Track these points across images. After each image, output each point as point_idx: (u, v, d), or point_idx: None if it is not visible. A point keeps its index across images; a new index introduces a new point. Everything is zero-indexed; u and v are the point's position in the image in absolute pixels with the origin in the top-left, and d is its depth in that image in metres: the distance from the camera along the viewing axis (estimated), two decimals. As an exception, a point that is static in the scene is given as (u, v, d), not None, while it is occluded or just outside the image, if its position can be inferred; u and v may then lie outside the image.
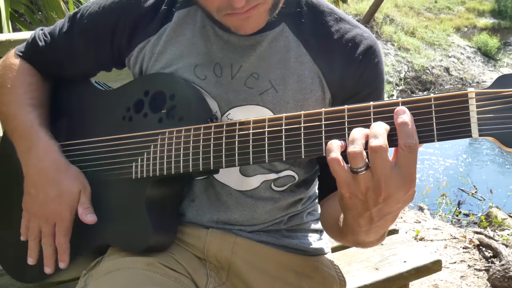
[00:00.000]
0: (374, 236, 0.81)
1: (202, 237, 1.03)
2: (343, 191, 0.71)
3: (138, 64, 1.04)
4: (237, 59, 0.97)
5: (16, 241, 1.09)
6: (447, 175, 6.29)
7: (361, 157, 0.67)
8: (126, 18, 1.02)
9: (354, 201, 0.71)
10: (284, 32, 0.98)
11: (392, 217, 0.74)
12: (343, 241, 0.93)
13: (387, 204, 0.70)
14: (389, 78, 10.29)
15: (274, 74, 0.96)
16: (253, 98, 0.96)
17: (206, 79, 0.97)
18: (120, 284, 0.88)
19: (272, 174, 1.01)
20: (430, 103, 0.69)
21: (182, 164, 0.89)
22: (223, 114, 0.98)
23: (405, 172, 0.68)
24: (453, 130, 0.68)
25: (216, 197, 1.02)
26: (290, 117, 0.79)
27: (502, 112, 0.66)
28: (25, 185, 1.02)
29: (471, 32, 14.92)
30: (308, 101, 0.97)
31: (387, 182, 0.67)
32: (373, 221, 0.73)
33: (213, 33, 0.99)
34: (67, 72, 1.11)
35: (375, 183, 0.68)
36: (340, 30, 0.98)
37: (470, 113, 0.67)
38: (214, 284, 1.00)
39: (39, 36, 1.10)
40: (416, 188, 0.72)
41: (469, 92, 0.68)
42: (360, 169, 0.68)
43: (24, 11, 3.04)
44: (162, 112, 0.94)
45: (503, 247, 2.88)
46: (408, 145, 0.67)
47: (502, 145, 0.66)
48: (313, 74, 0.97)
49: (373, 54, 0.98)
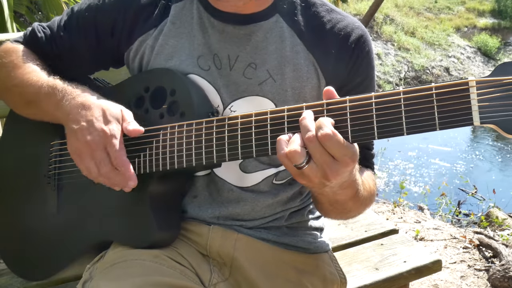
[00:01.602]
0: (344, 196, 0.88)
1: (204, 234, 1.04)
2: (299, 181, 0.80)
3: (138, 57, 1.04)
4: (233, 49, 0.99)
5: (19, 240, 1.10)
6: (447, 175, 6.30)
7: (298, 155, 0.74)
8: (125, 11, 1.03)
9: (310, 185, 0.81)
10: (278, 22, 1.01)
11: (347, 177, 0.82)
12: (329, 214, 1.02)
13: (338, 179, 0.78)
14: (389, 78, 10.29)
15: (271, 64, 0.99)
16: (253, 89, 0.98)
17: (209, 70, 0.99)
18: (128, 274, 0.89)
19: (272, 168, 1.03)
20: (432, 92, 0.71)
21: (185, 158, 0.90)
22: (226, 106, 0.99)
23: (339, 155, 0.74)
24: (455, 118, 0.69)
25: (217, 193, 1.04)
26: (291, 109, 0.81)
27: (502, 99, 0.67)
28: (67, 131, 0.96)
29: (471, 32, 14.91)
30: (305, 88, 1.00)
31: (330, 167, 0.75)
32: (333, 189, 0.84)
33: (209, 24, 1.00)
34: (64, 65, 1.10)
35: (321, 171, 0.76)
36: (332, 20, 1.02)
37: (471, 101, 0.68)
38: (218, 279, 1.01)
39: (37, 28, 1.10)
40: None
41: (469, 80, 0.69)
42: (302, 164, 0.75)
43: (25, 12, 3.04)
44: (163, 107, 0.95)
45: (503, 247, 2.87)
46: (309, 139, 0.74)
47: (504, 132, 0.67)
48: (308, 62, 1.00)
49: (364, 42, 1.03)
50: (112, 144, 0.90)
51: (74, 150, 0.94)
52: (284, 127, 0.81)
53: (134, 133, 0.92)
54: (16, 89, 1.04)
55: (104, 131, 0.89)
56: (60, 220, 1.07)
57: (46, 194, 1.09)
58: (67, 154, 1.06)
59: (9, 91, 1.07)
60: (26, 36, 1.11)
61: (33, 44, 1.10)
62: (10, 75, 1.05)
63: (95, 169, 0.91)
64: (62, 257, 1.06)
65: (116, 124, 0.91)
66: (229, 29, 0.99)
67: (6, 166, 1.19)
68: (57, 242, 1.08)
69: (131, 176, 0.91)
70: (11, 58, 1.06)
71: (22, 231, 1.13)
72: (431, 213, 4.07)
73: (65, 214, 1.07)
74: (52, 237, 1.09)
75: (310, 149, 0.75)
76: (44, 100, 1.00)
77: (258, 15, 1.00)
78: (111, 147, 0.90)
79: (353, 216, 1.03)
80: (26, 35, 1.11)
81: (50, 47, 1.09)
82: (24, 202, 1.13)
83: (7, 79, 1.05)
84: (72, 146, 0.94)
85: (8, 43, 1.11)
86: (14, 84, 1.04)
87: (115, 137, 0.90)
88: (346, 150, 0.74)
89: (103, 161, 0.91)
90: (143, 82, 0.99)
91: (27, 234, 1.13)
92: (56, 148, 1.08)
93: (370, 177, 1.03)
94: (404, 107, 0.73)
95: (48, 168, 1.09)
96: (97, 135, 0.90)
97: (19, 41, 1.11)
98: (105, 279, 0.90)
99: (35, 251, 1.12)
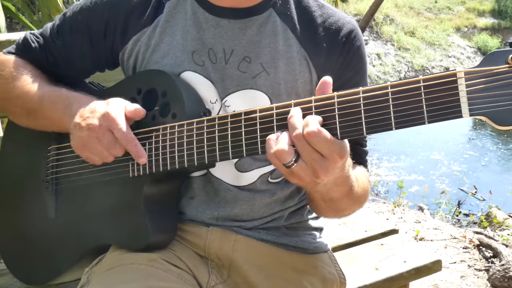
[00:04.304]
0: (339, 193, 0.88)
1: (203, 235, 1.03)
2: (291, 180, 0.80)
3: (133, 57, 1.04)
4: (228, 43, 0.99)
5: (19, 245, 1.10)
6: (447, 175, 6.29)
7: (286, 154, 0.74)
8: (118, 12, 1.02)
9: (302, 183, 0.80)
10: (271, 17, 1.01)
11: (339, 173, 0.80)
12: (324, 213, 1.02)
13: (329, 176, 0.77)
14: (389, 78, 10.29)
15: (264, 58, 0.99)
16: (247, 82, 0.99)
17: (204, 65, 0.99)
18: (123, 279, 0.88)
19: (269, 166, 1.03)
20: (419, 85, 0.69)
21: (177, 160, 0.90)
22: (221, 100, 0.99)
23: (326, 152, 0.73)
24: (443, 111, 0.67)
25: (214, 193, 1.03)
26: (280, 106, 0.80)
27: (492, 90, 0.65)
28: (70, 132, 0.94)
29: (471, 32, 14.91)
30: (298, 82, 1.00)
31: (320, 164, 0.74)
32: (326, 186, 0.83)
33: (204, 19, 1.00)
34: (61, 71, 1.09)
35: (310, 169, 0.75)
36: (323, 14, 1.03)
37: (459, 93, 0.66)
38: (216, 281, 1.01)
39: (30, 37, 1.08)
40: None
41: (457, 72, 0.67)
42: (290, 162, 0.75)
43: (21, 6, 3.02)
44: (155, 109, 0.95)
45: (503, 247, 2.87)
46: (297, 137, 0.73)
47: (494, 124, 0.65)
48: (300, 56, 1.01)
49: (355, 37, 1.03)
50: (116, 124, 0.88)
51: (79, 142, 0.92)
52: (273, 125, 0.80)
53: (136, 113, 0.92)
54: (18, 100, 1.03)
55: (107, 113, 0.88)
56: (59, 225, 1.07)
57: (44, 199, 1.09)
58: (64, 158, 1.05)
59: (10, 102, 1.06)
60: (19, 46, 1.10)
61: (27, 54, 1.08)
62: (9, 86, 1.04)
63: (106, 153, 0.90)
64: (62, 261, 1.06)
65: (119, 107, 0.91)
66: (224, 23, 1.00)
67: (5, 172, 1.19)
68: (56, 246, 1.08)
69: (140, 152, 0.90)
70: (9, 70, 1.05)
71: (22, 236, 1.13)
72: (431, 213, 4.07)
73: (64, 219, 1.07)
74: (51, 241, 1.09)
75: (298, 147, 0.74)
76: (48, 108, 1.00)
77: (253, 9, 1.00)
78: (116, 128, 0.88)
79: (348, 214, 1.03)
80: (19, 44, 1.10)
81: (44, 55, 1.08)
82: (23, 207, 1.13)
83: (6, 90, 1.05)
84: (76, 141, 0.92)
85: (1, 54, 1.10)
86: (15, 96, 1.03)
87: (119, 117, 0.89)
88: (333, 146, 0.73)
89: (111, 143, 0.89)
90: (135, 84, 0.99)
91: (26, 239, 1.13)
92: (53, 153, 1.08)
93: (363, 174, 1.03)
94: (392, 101, 0.71)
95: (46, 173, 1.09)
96: (100, 118, 0.89)
97: (12, 52, 1.10)
98: (100, 284, 0.90)
99: (35, 255, 1.12)
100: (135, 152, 0.90)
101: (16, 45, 1.11)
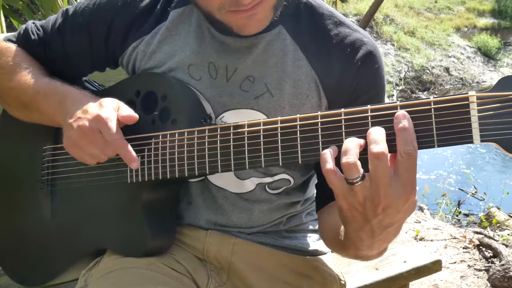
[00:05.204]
0: (377, 250, 0.79)
1: (201, 238, 1.02)
2: (341, 203, 0.69)
3: (131, 63, 1.03)
4: (232, 61, 0.95)
5: (15, 246, 1.09)
6: (447, 175, 6.29)
7: (355, 168, 0.65)
8: (120, 17, 1.01)
9: (353, 213, 0.69)
10: (281, 34, 0.95)
11: (394, 229, 0.71)
12: (344, 254, 0.90)
13: (387, 214, 0.67)
14: (389, 78, 10.28)
15: (270, 78, 0.94)
16: (248, 102, 0.94)
17: (201, 80, 0.96)
18: (122, 283, 0.88)
19: (267, 177, 1.00)
20: (430, 107, 0.66)
21: (177, 168, 0.87)
22: (217, 116, 0.95)
23: (405, 180, 0.65)
24: (454, 136, 0.65)
25: (212, 199, 1.01)
26: (285, 120, 0.77)
27: (504, 116, 0.63)
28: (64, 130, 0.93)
29: (471, 32, 14.89)
30: (304, 107, 0.94)
31: (386, 190, 0.65)
32: (375, 234, 0.71)
33: (209, 35, 0.97)
34: (58, 68, 1.08)
35: (373, 192, 0.66)
36: (340, 34, 0.95)
37: (471, 118, 0.64)
38: (215, 284, 1.00)
39: (31, 28, 1.07)
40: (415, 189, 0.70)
41: (470, 96, 0.65)
42: (356, 179, 0.65)
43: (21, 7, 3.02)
44: (155, 114, 0.92)
45: (503, 247, 2.87)
46: (408, 152, 0.64)
47: (505, 150, 0.63)
48: (309, 79, 0.94)
49: (372, 59, 0.95)
50: (107, 128, 0.85)
51: (70, 142, 0.90)
52: (278, 139, 0.77)
53: (128, 119, 0.89)
54: (13, 92, 1.02)
55: (98, 115, 0.86)
56: (55, 226, 1.06)
57: (40, 200, 1.08)
58: (59, 159, 1.05)
59: (5, 93, 1.05)
60: (19, 35, 1.08)
61: (26, 45, 1.07)
62: (6, 77, 1.03)
63: (101, 155, 0.89)
64: (58, 263, 1.05)
65: (111, 110, 0.88)
66: (230, 41, 0.95)
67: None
68: (53, 248, 1.07)
69: (131, 157, 0.87)
70: (6, 59, 1.04)
71: (18, 237, 1.13)
72: (431, 213, 4.07)
73: (60, 220, 1.06)
74: (47, 243, 1.08)
75: (372, 165, 0.65)
76: (43, 102, 0.98)
77: None
78: (107, 131, 0.86)
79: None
80: (20, 34, 1.08)
81: (43, 49, 1.07)
82: (18, 208, 1.12)
83: (2, 81, 1.04)
84: (68, 140, 0.91)
85: (1, 41, 1.08)
86: (11, 87, 1.02)
87: (110, 120, 0.86)
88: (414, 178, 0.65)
89: (102, 144, 0.87)
90: (134, 86, 0.97)
91: (22, 240, 1.12)
92: (49, 153, 1.07)
93: None
94: None
95: (41, 173, 1.08)
96: (91, 120, 0.86)
97: (12, 40, 1.09)
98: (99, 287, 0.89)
99: (31, 257, 1.11)
100: (125, 157, 0.87)
101: (17, 33, 1.09)
